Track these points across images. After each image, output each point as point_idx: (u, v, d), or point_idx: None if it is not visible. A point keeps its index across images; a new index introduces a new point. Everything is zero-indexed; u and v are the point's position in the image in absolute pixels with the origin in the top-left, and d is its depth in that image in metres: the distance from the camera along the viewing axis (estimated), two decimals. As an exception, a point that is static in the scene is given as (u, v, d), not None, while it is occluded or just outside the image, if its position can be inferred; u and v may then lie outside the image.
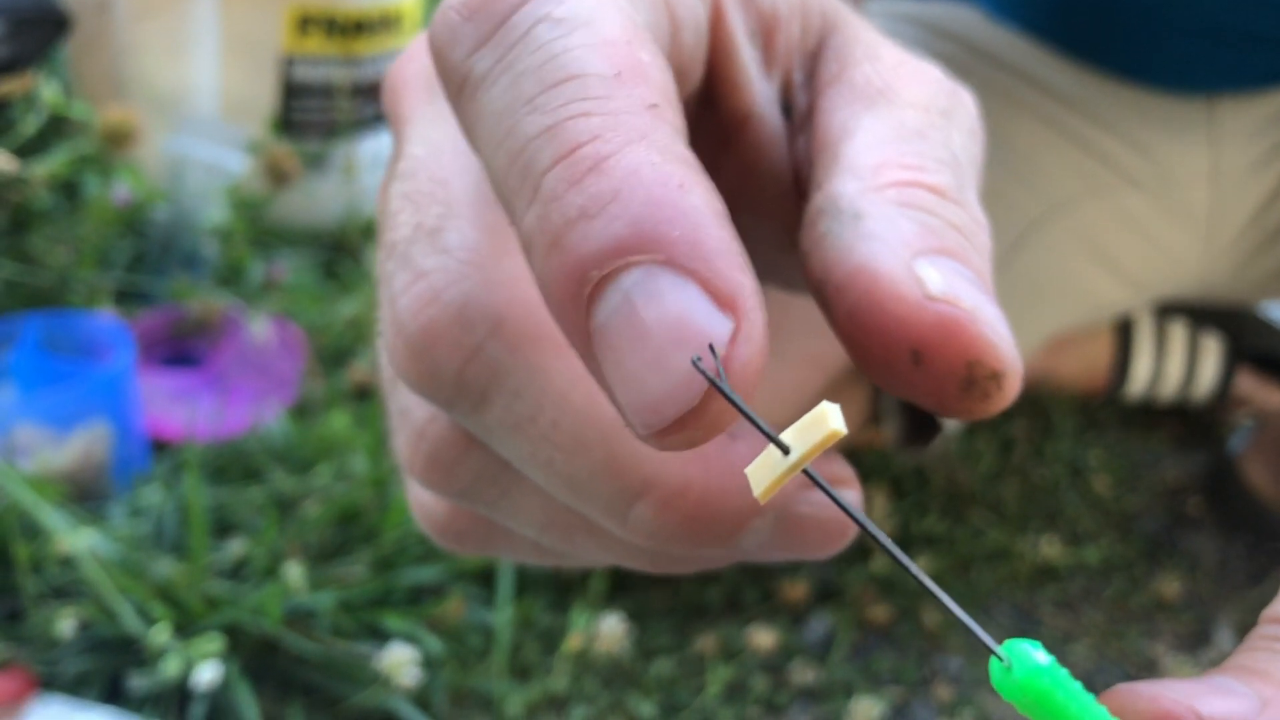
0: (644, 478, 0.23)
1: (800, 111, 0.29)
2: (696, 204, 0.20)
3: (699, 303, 0.19)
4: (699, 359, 0.21)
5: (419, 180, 0.25)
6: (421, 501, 0.31)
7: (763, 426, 0.21)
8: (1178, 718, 0.26)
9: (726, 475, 0.24)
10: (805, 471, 0.21)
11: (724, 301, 0.19)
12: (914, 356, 0.23)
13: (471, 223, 0.24)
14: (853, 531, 0.25)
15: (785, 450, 0.21)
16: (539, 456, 0.24)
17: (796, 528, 0.24)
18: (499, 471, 0.26)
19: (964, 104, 0.29)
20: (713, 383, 0.20)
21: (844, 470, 0.26)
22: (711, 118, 0.28)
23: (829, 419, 0.20)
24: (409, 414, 0.27)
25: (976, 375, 0.23)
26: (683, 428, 0.20)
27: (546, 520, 0.27)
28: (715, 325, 0.19)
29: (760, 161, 0.29)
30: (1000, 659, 0.23)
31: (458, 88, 0.22)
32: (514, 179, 0.21)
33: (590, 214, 0.19)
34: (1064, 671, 0.24)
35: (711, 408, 0.20)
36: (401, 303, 0.25)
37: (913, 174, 0.25)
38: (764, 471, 0.21)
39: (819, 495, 0.24)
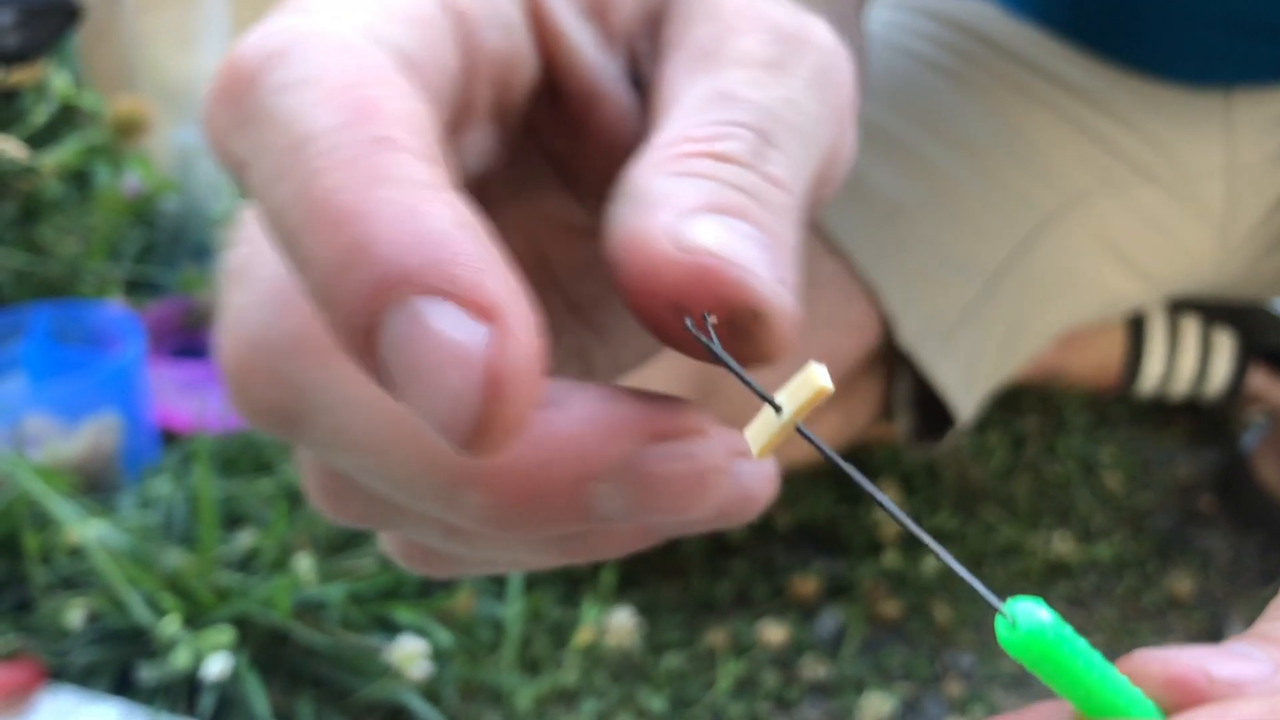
0: (461, 466, 0.23)
1: (648, 83, 0.29)
2: (431, 225, 0.20)
3: (454, 320, 0.20)
4: (691, 322, 0.23)
5: (244, 226, 0.26)
6: (382, 536, 0.31)
7: (756, 387, 0.23)
8: (1190, 680, 0.26)
9: (548, 444, 0.23)
10: (798, 429, 0.23)
11: (480, 310, 0.20)
12: (675, 311, 0.23)
13: (272, 254, 0.24)
14: (713, 486, 0.24)
15: (778, 409, 0.23)
16: (365, 467, 0.24)
17: (646, 485, 0.23)
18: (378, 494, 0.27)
19: (808, 45, 0.28)
20: (707, 346, 0.23)
21: (697, 421, 0.25)
22: (562, 106, 0.28)
23: (816, 378, 0.22)
24: (299, 454, 0.28)
25: (737, 319, 0.23)
26: (483, 437, 0.20)
27: (443, 529, 0.26)
28: (473, 336, 0.20)
29: (618, 142, 0.28)
30: (1004, 616, 0.24)
31: (235, 173, 0.23)
32: (286, 252, 0.21)
33: (343, 269, 0.20)
34: (1068, 628, 0.24)
35: (502, 411, 0.20)
36: (220, 345, 0.25)
37: (702, 145, 0.25)
38: (761, 431, 0.23)
39: (665, 449, 0.23)
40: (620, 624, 0.89)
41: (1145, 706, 0.26)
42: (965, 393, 0.96)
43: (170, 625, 0.79)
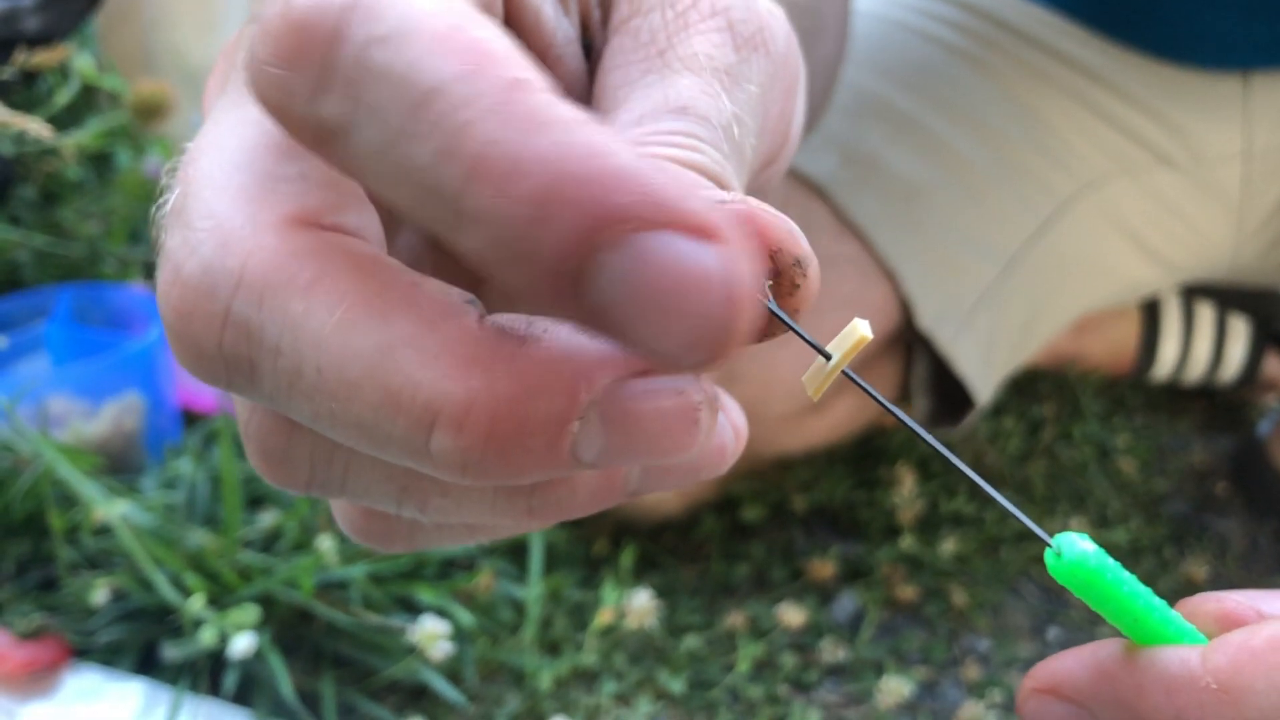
0: (424, 404, 0.22)
1: (597, 53, 0.28)
2: (620, 161, 0.20)
3: (685, 247, 0.19)
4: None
5: (182, 166, 0.25)
6: (336, 509, 0.30)
7: (807, 338, 0.25)
8: (1241, 615, 0.27)
9: (518, 381, 0.22)
10: (845, 372, 0.26)
11: (704, 232, 0.20)
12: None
13: (217, 190, 0.23)
14: (701, 424, 0.23)
15: (828, 358, 0.26)
16: (323, 412, 0.23)
17: (630, 422, 0.22)
18: (331, 450, 0.26)
19: (761, 52, 0.28)
20: (766, 304, 0.25)
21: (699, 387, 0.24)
22: None
23: (859, 329, 0.26)
24: (239, 416, 0.27)
25: (783, 269, 0.25)
26: (725, 351, 0.20)
27: (397, 489, 0.26)
28: (707, 257, 0.19)
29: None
30: (1052, 548, 0.27)
31: (314, 139, 0.22)
32: (431, 210, 0.20)
33: (540, 219, 0.19)
34: (1109, 559, 0.26)
35: (744, 323, 0.20)
36: (158, 293, 0.24)
37: (660, 153, 0.25)
38: (813, 377, 0.26)
39: (651, 383, 0.23)
40: (640, 606, 0.90)
41: (1190, 633, 0.27)
42: (983, 376, 0.96)
43: (195, 604, 0.79)
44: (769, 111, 0.28)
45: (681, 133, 0.25)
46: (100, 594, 0.82)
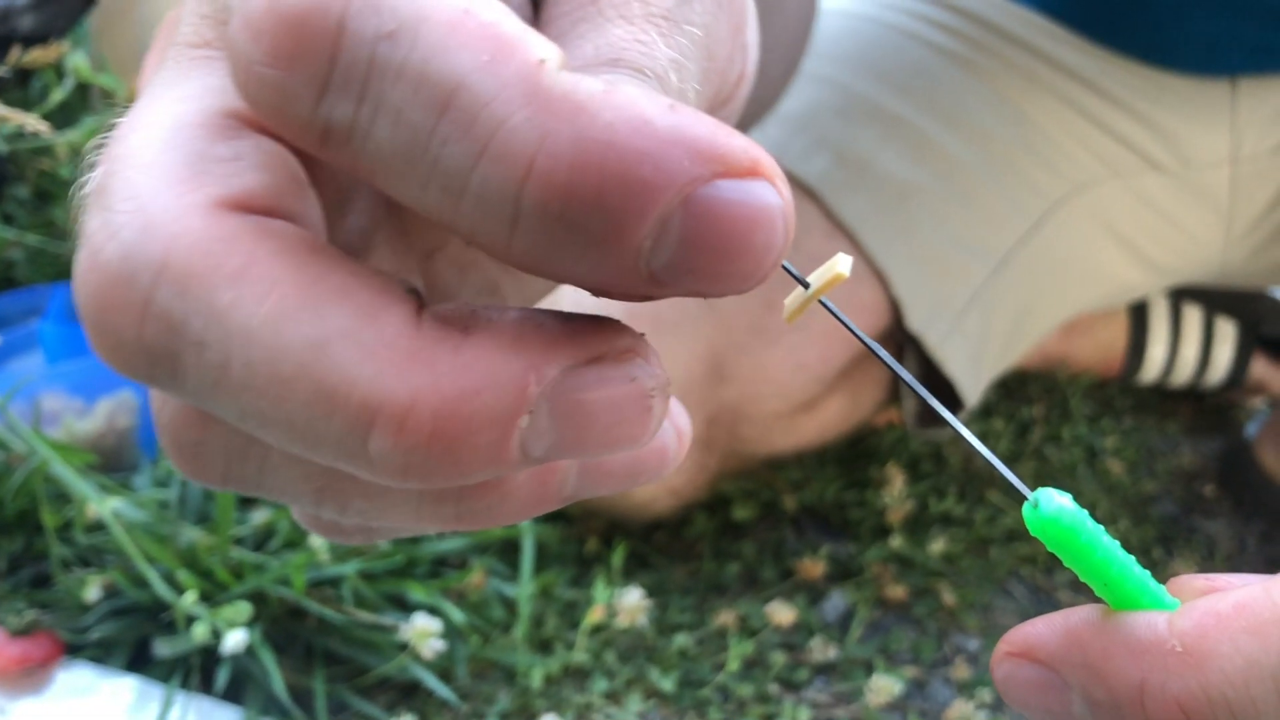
0: (362, 403, 0.20)
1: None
2: (664, 122, 0.19)
3: (745, 188, 0.20)
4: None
5: (108, 145, 0.23)
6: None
7: (789, 268, 0.25)
8: (1226, 584, 0.28)
9: (463, 375, 0.20)
10: (821, 302, 0.26)
11: (752, 171, 0.20)
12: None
13: (142, 170, 0.22)
14: (654, 412, 0.22)
15: (806, 286, 0.26)
16: (251, 410, 0.21)
17: (582, 414, 0.21)
18: (246, 446, 0.24)
19: None
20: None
21: (632, 341, 0.23)
22: None
23: (838, 265, 0.26)
24: (152, 405, 0.25)
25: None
26: (766, 274, 0.21)
27: (315, 490, 0.24)
28: (761, 195, 0.20)
29: None
30: (1029, 500, 0.27)
31: (320, 143, 0.21)
32: (471, 214, 0.20)
33: (603, 207, 0.19)
34: (1087, 516, 0.26)
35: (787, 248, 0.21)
36: (74, 279, 0.22)
37: None
38: (791, 303, 0.27)
39: (603, 371, 0.21)
40: (630, 605, 0.90)
41: (1163, 597, 0.28)
42: (972, 377, 0.97)
43: (187, 601, 0.80)
44: (714, 53, 0.27)
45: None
46: (93, 591, 0.82)
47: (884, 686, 0.89)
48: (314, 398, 0.20)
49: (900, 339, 0.97)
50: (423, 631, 0.83)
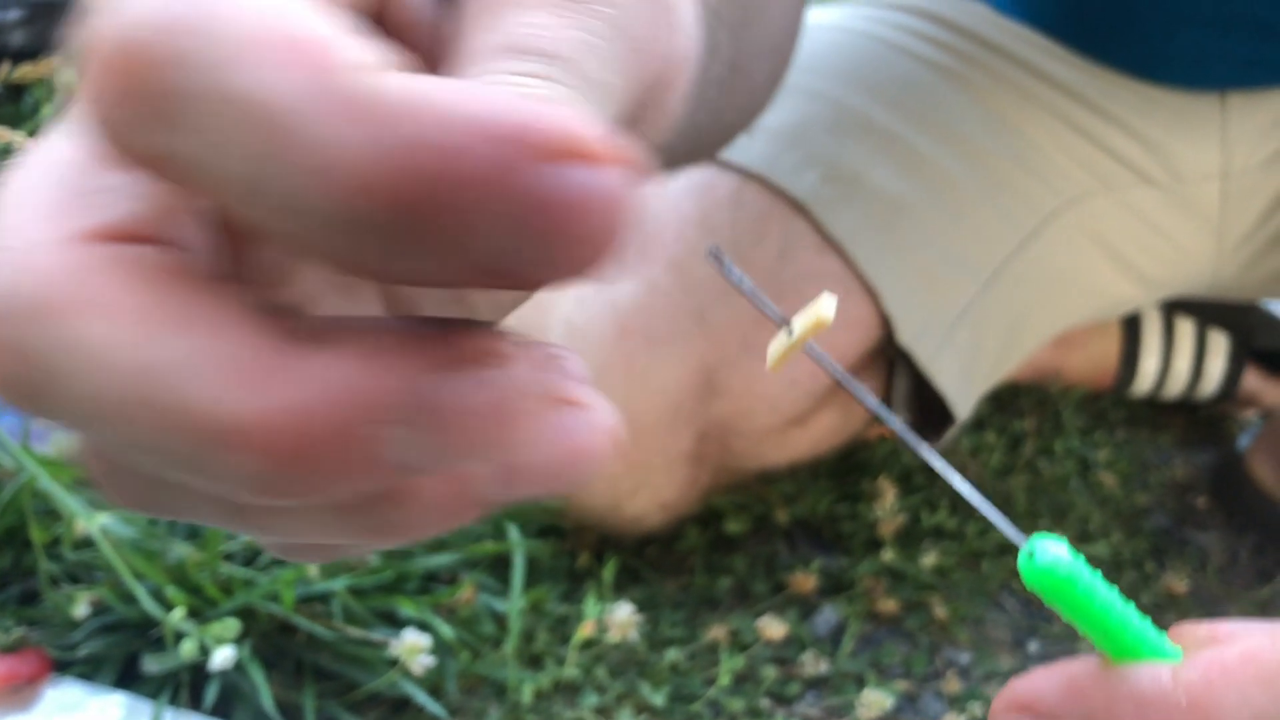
0: (216, 425, 0.20)
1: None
2: (484, 111, 0.19)
3: (564, 178, 0.19)
4: (714, 248, 0.26)
5: None
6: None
7: (769, 306, 0.26)
8: (1228, 633, 0.27)
9: (319, 388, 0.20)
10: (806, 349, 0.26)
11: (570, 155, 0.19)
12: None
13: (18, 209, 0.21)
14: (525, 421, 0.21)
15: (788, 326, 0.26)
16: (120, 440, 0.21)
17: (445, 422, 0.20)
18: (149, 474, 0.24)
19: None
20: (724, 273, 0.25)
21: (498, 345, 0.22)
22: (389, 28, 0.27)
23: (823, 307, 0.25)
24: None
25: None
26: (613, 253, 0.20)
27: (226, 511, 0.24)
28: (585, 180, 0.19)
29: (433, 59, 0.27)
30: (1024, 550, 0.26)
31: (162, 173, 0.20)
32: (302, 230, 0.19)
33: (424, 210, 0.19)
34: (1085, 566, 0.26)
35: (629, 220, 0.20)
36: None
37: None
38: (774, 349, 0.26)
39: (460, 377, 0.21)
40: (621, 619, 0.90)
41: (1165, 648, 0.27)
42: (963, 392, 0.97)
43: (176, 617, 0.79)
44: (634, 33, 0.26)
45: (519, 73, 0.23)
46: (81, 607, 0.82)
47: (875, 700, 0.89)
48: (163, 422, 0.20)
49: (891, 353, 0.97)
50: (412, 647, 0.83)
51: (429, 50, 0.26)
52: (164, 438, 0.20)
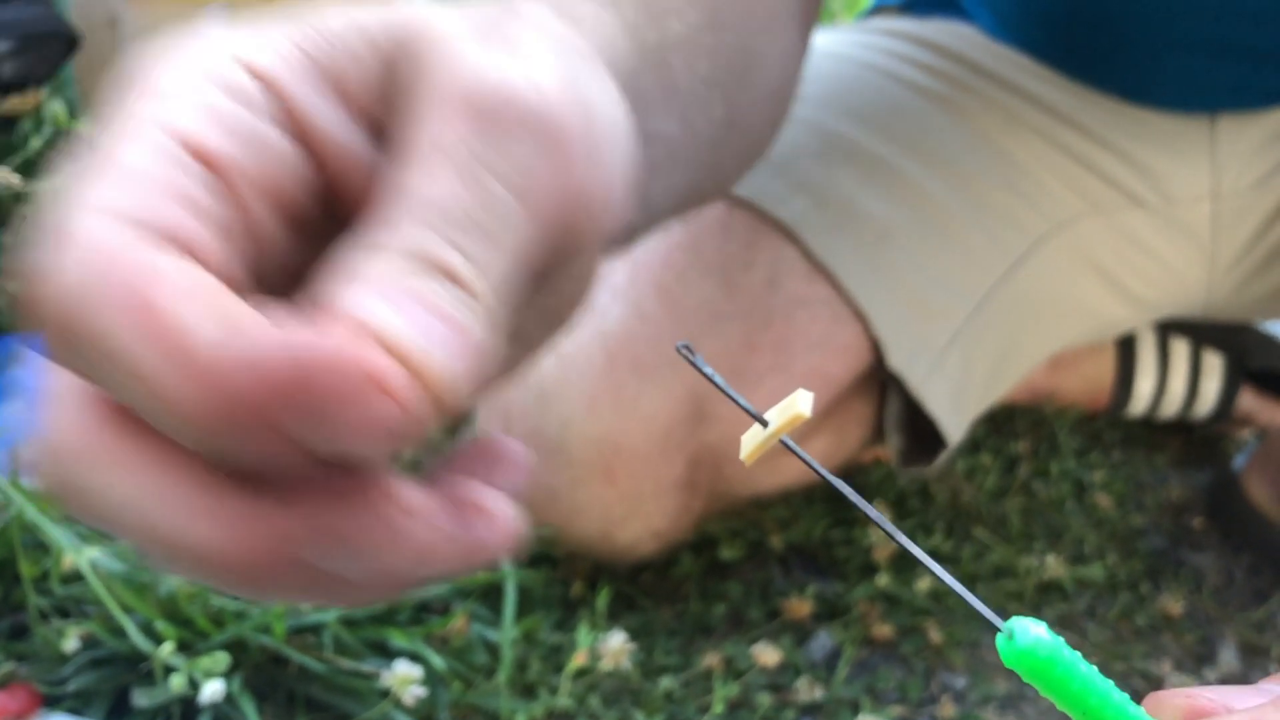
0: (179, 543, 0.27)
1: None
2: (271, 352, 0.25)
3: (357, 412, 0.26)
4: (684, 344, 0.28)
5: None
6: None
7: (743, 403, 0.27)
8: (1210, 711, 0.26)
9: (246, 534, 0.27)
10: (782, 441, 0.27)
11: (341, 383, 0.26)
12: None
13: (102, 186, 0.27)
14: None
15: (764, 424, 0.27)
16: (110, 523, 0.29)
17: (348, 543, 0.28)
18: None
19: (523, 124, 0.29)
20: (696, 367, 0.27)
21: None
22: (328, 183, 0.31)
23: (797, 403, 0.26)
24: None
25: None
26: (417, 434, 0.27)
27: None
28: (376, 410, 0.26)
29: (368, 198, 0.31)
30: (1002, 632, 0.27)
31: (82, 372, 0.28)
32: (189, 435, 0.27)
33: (241, 434, 0.26)
34: (1065, 646, 0.25)
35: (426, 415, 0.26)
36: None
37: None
38: (749, 441, 0.27)
39: (357, 516, 0.27)
40: (615, 647, 0.89)
41: None
42: (955, 416, 0.96)
43: (165, 651, 0.79)
44: (534, 189, 0.29)
45: (407, 248, 0.28)
46: (71, 641, 0.82)
47: (871, 728, 0.88)
48: (147, 545, 0.28)
49: (882, 378, 0.97)
50: (404, 678, 0.82)
51: (365, 190, 0.30)
52: (157, 550, 0.28)
